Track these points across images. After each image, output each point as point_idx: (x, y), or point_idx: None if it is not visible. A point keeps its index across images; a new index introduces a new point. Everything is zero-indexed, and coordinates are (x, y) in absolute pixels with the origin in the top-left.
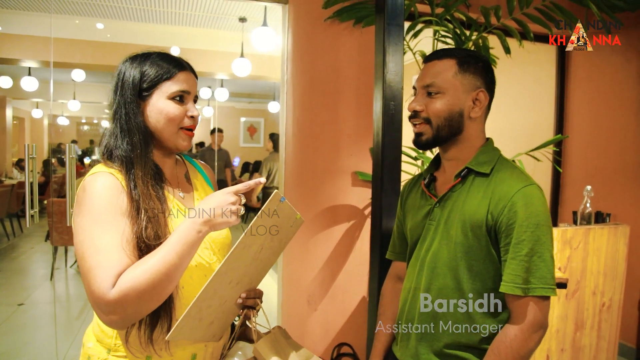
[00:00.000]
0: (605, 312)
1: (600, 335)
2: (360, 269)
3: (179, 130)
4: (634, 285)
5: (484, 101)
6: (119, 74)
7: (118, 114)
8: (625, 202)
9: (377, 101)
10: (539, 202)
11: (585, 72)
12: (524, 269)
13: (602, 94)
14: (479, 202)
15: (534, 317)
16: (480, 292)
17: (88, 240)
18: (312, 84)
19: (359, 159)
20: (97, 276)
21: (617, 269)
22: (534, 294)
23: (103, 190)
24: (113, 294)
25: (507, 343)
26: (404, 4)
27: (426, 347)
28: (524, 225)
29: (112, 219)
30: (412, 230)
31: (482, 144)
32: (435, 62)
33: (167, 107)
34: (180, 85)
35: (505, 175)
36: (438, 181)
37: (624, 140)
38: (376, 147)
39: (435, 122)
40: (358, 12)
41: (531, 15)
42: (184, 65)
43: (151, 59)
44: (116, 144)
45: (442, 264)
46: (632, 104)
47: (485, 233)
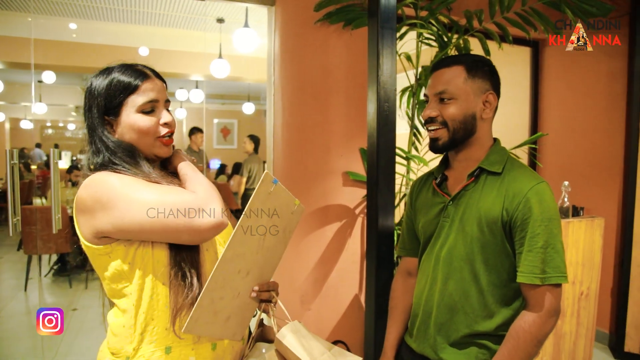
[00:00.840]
0: (584, 301)
1: (580, 322)
2: (352, 267)
3: (155, 140)
4: (608, 274)
5: (493, 102)
6: (86, 95)
7: (93, 137)
8: (597, 196)
9: (371, 103)
10: (550, 199)
11: (558, 73)
12: (540, 260)
13: (574, 94)
14: (493, 199)
15: (549, 303)
16: (495, 283)
17: (149, 201)
18: (301, 86)
19: (350, 160)
20: (193, 207)
21: (593, 260)
22: (550, 283)
23: (116, 177)
24: (217, 213)
25: (525, 328)
26: (395, 7)
27: (444, 338)
28: (539, 220)
29: (145, 184)
30: (424, 227)
31: (491, 144)
32: (445, 70)
33: (137, 121)
34: (146, 96)
35: (517, 173)
36: (449, 180)
37: (595, 137)
38: (371, 148)
39: (452, 126)
40: (347, 14)
41: (511, 20)
42: (147, 74)
43: (113, 74)
44: (104, 160)
45: (459, 258)
46: (602, 103)
47: (501, 228)
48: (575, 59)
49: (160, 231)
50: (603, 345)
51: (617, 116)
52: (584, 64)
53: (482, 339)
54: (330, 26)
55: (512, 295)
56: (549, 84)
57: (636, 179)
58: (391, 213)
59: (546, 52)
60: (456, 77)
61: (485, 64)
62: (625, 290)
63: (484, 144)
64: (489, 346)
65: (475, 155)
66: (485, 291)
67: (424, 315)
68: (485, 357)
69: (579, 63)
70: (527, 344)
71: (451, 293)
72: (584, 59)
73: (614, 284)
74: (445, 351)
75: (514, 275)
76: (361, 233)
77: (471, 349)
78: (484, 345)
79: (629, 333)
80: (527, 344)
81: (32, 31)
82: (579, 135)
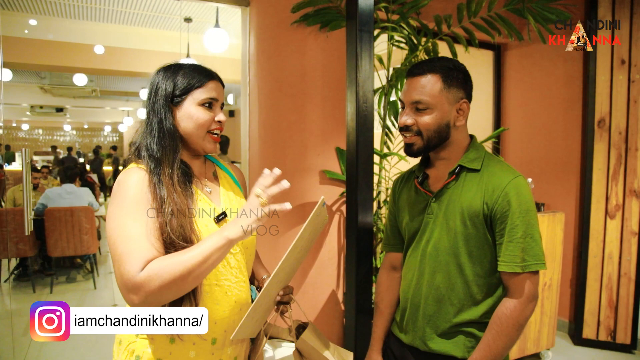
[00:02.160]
0: (547, 291)
1: (543, 311)
2: (330, 264)
3: (207, 135)
4: (568, 265)
5: (466, 110)
6: (153, 82)
7: (151, 118)
8: (555, 191)
9: (350, 103)
10: (527, 191)
11: (519, 76)
12: (520, 249)
13: (534, 95)
14: (474, 194)
15: (529, 290)
16: (479, 274)
17: (119, 228)
18: (278, 86)
19: (326, 158)
20: (128, 261)
21: (555, 252)
22: (529, 270)
23: (135, 184)
24: (140, 276)
25: (507, 314)
26: (373, 11)
27: (433, 329)
28: (517, 212)
29: (142, 211)
30: (409, 224)
31: (468, 142)
32: (421, 79)
33: (197, 112)
34: (209, 93)
35: (495, 169)
36: (430, 178)
37: (553, 136)
38: (350, 147)
39: (426, 135)
40: (324, 16)
41: (477, 24)
42: (213, 75)
43: (183, 69)
44: (147, 144)
45: (444, 252)
46: (559, 105)
47: (482, 221)
48: (534, 62)
49: (111, 250)
50: (563, 332)
51: (574, 116)
52: (542, 67)
53: (468, 327)
54: (306, 28)
55: (495, 283)
56: (510, 85)
57: (592, 176)
58: (370, 209)
59: (508, 55)
60: (432, 87)
61: (461, 71)
62: (583, 281)
63: (460, 143)
64: (474, 333)
65: (454, 154)
66: (470, 282)
67: (412, 308)
68: (472, 344)
69: (538, 66)
70: (509, 329)
71: (438, 285)
72: (542, 63)
73: (572, 274)
74: (434, 341)
75: (495, 265)
76: (338, 230)
77: (459, 337)
78: (470, 333)
79: (586, 320)
80: (510, 328)
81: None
82: (539, 134)
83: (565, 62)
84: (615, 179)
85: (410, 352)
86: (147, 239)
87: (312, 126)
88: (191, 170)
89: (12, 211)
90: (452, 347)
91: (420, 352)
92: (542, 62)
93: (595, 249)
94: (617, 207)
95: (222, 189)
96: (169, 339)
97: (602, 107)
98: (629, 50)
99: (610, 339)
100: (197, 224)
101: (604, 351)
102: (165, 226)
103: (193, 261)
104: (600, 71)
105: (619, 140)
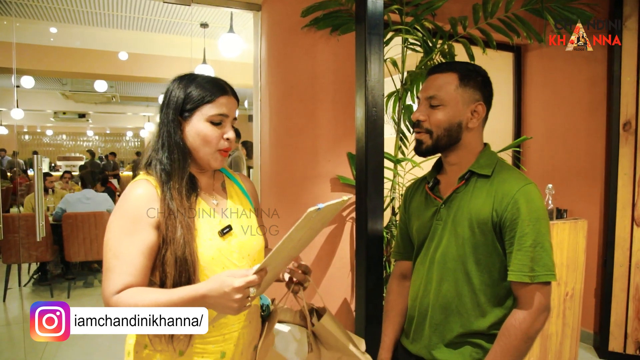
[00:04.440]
0: (569, 301)
1: (565, 322)
2: (342, 272)
3: (215, 152)
4: (591, 275)
5: (481, 113)
6: (167, 92)
7: (162, 130)
8: (579, 198)
9: (360, 108)
10: (538, 199)
11: (540, 79)
12: (529, 259)
13: (556, 99)
14: (483, 201)
15: (539, 301)
16: (487, 283)
17: (112, 243)
18: (288, 91)
19: (337, 164)
20: (109, 278)
21: (577, 261)
22: (539, 281)
23: (138, 199)
24: (113, 300)
25: (516, 325)
26: (382, 14)
27: (439, 338)
28: (527, 220)
29: (137, 230)
30: (418, 230)
31: (480, 149)
32: (438, 75)
33: (204, 129)
34: (219, 108)
35: (506, 176)
36: (441, 184)
37: (576, 140)
38: (359, 152)
39: (435, 133)
40: (334, 20)
41: (494, 25)
42: (226, 89)
43: (196, 81)
44: (157, 157)
45: (452, 259)
46: (582, 108)
47: (491, 229)
48: (556, 64)
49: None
50: (588, 345)
51: (598, 120)
52: (565, 69)
53: (475, 338)
54: (317, 32)
55: (503, 294)
56: (531, 88)
57: (617, 182)
58: (380, 217)
59: (528, 57)
60: (448, 83)
61: (479, 74)
62: (608, 291)
63: (473, 149)
64: (482, 345)
65: (465, 159)
66: (478, 291)
67: (420, 316)
68: (479, 355)
69: (560, 68)
70: (518, 341)
71: (445, 294)
72: (564, 65)
73: (597, 284)
74: (440, 351)
75: (504, 274)
76: (350, 237)
77: (465, 348)
78: (478, 344)
79: (612, 332)
80: (519, 340)
81: (14, 35)
82: (562, 139)
83: (588, 63)
84: None
85: None
86: (133, 262)
87: (323, 131)
88: (198, 183)
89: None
90: (458, 357)
91: None
92: (564, 63)
93: (621, 258)
94: None
95: (229, 201)
96: (177, 352)
97: (628, 109)
98: None
99: (639, 352)
100: (201, 238)
101: None
102: (168, 242)
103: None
104: (625, 72)
105: None
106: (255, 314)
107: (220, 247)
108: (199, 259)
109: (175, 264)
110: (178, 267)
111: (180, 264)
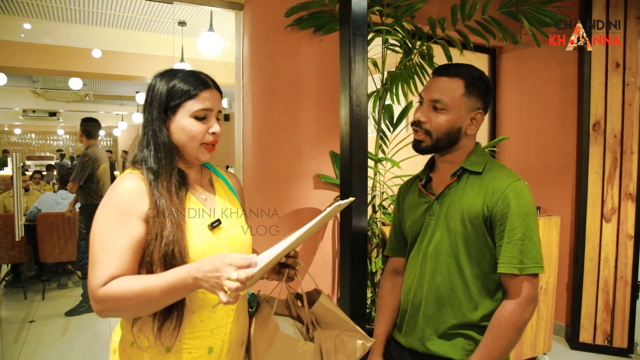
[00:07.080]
0: (543, 295)
1: (540, 315)
2: (324, 269)
3: (200, 146)
4: (564, 269)
5: (480, 120)
6: (149, 89)
7: (146, 128)
8: (552, 195)
9: (344, 107)
10: (527, 194)
11: (514, 80)
12: (518, 252)
13: (530, 99)
14: (474, 196)
15: (527, 292)
16: (478, 276)
17: (99, 235)
18: (272, 90)
19: (320, 163)
20: (95, 270)
21: (551, 256)
22: (527, 272)
23: (127, 192)
24: (100, 292)
25: (506, 316)
26: (366, 15)
27: (432, 330)
28: (516, 214)
29: (126, 222)
30: (411, 226)
31: (472, 148)
32: (445, 79)
33: (189, 125)
34: (202, 103)
35: (496, 172)
36: (434, 181)
37: (549, 140)
38: (344, 151)
39: (435, 135)
40: (318, 20)
41: (472, 27)
42: (208, 83)
43: (178, 77)
44: (143, 155)
45: (444, 253)
46: (555, 108)
47: (482, 223)
48: (529, 65)
49: (89, 252)
50: (560, 337)
51: (569, 119)
52: (538, 71)
53: (467, 330)
54: (300, 32)
55: (493, 287)
56: (506, 89)
57: (588, 180)
58: (364, 214)
59: (503, 59)
60: (454, 90)
61: (484, 82)
62: (579, 284)
63: (467, 149)
64: (474, 336)
65: (458, 158)
66: (470, 283)
67: (413, 309)
68: (471, 347)
69: (533, 69)
70: (508, 331)
71: (438, 286)
72: (538, 66)
73: (569, 278)
74: (434, 342)
75: (495, 267)
76: (332, 235)
77: (458, 339)
78: (470, 335)
79: (583, 324)
80: (509, 331)
81: None
82: (535, 138)
83: (560, 65)
84: (610, 182)
85: (409, 354)
86: (121, 255)
87: (306, 130)
88: (187, 178)
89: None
90: (450, 349)
91: (418, 353)
92: (537, 65)
93: (592, 253)
94: (612, 210)
95: (217, 197)
96: (164, 348)
97: (597, 110)
98: (623, 53)
99: (607, 343)
100: (192, 231)
101: (601, 355)
102: (157, 239)
103: (150, 293)
104: (595, 74)
105: (614, 144)
106: (244, 309)
107: (210, 241)
108: (190, 252)
109: (164, 261)
110: (167, 265)
111: (169, 262)
